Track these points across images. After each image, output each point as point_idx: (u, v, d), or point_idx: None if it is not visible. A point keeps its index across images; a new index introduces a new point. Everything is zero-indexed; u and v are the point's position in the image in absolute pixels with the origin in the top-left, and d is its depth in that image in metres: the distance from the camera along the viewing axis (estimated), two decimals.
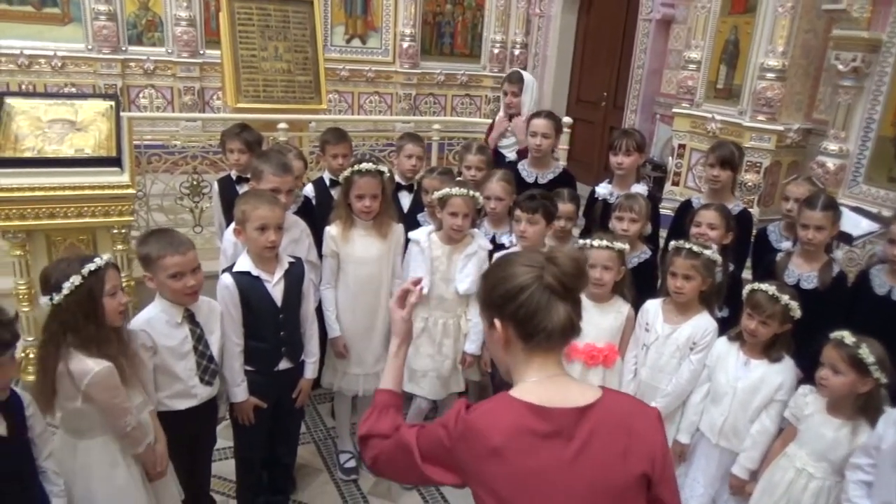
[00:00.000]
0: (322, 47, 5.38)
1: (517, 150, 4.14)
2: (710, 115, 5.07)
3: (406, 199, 3.52)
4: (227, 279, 2.48)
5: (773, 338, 2.45)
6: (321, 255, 2.97)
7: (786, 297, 2.40)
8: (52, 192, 3.05)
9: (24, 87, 6.55)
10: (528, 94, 4.22)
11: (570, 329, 1.23)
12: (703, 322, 2.62)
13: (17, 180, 3.01)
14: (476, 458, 1.19)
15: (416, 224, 3.21)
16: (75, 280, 1.93)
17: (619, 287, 2.76)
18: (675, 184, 5.42)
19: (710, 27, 5.17)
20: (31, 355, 3.25)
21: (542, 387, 1.23)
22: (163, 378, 2.28)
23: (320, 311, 2.91)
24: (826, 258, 2.85)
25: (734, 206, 3.24)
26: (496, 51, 8.34)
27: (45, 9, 6.62)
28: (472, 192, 2.86)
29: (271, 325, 2.55)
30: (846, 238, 3.33)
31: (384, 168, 2.88)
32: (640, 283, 2.89)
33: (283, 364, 2.63)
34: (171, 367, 2.29)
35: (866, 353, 2.11)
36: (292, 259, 2.63)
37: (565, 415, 1.19)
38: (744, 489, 2.47)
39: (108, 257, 2.06)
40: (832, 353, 2.18)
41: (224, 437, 2.77)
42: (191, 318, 2.33)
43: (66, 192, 3.08)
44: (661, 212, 3.61)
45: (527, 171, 3.69)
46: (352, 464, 3.15)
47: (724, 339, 2.59)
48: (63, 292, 1.92)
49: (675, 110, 5.48)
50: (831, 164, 4.24)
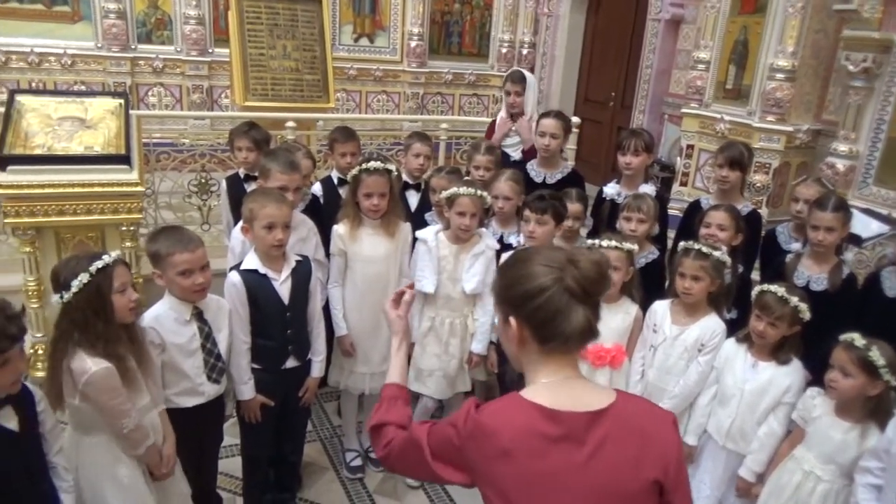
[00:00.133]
0: (330, 46, 5.39)
1: (522, 150, 4.12)
2: (718, 116, 5.05)
3: (414, 199, 3.52)
4: (234, 277, 2.50)
5: (781, 340, 2.43)
6: (328, 254, 2.98)
7: (795, 299, 2.38)
8: (61, 190, 3.07)
9: (34, 84, 6.58)
10: (531, 93, 4.19)
11: (589, 333, 1.20)
12: (712, 323, 2.60)
13: (27, 177, 3.03)
14: (485, 459, 1.18)
15: (424, 223, 3.21)
16: (83, 278, 1.93)
17: (628, 287, 2.75)
18: (684, 184, 5.41)
19: (719, 27, 5.15)
20: (41, 351, 3.27)
21: (554, 389, 1.21)
22: (170, 375, 2.29)
23: (327, 309, 2.92)
24: (836, 260, 2.83)
25: (743, 207, 3.22)
26: (504, 50, 8.33)
27: (55, 7, 6.65)
28: (479, 192, 2.85)
29: (278, 323, 2.55)
30: (856, 240, 3.31)
31: (392, 167, 2.88)
32: (648, 284, 2.89)
33: (290, 362, 2.63)
34: (179, 365, 2.29)
35: (877, 356, 2.09)
36: (299, 257, 2.64)
37: (577, 419, 1.17)
38: (750, 491, 2.46)
39: (116, 254, 2.05)
40: (842, 355, 2.17)
41: (231, 435, 2.78)
42: (199, 315, 2.33)
43: (76, 190, 3.10)
44: (669, 212, 3.60)
45: (535, 171, 3.68)
46: (357, 462, 3.16)
47: (732, 340, 2.57)
48: (72, 290, 1.92)
49: (683, 110, 5.47)
50: (841, 165, 4.22)
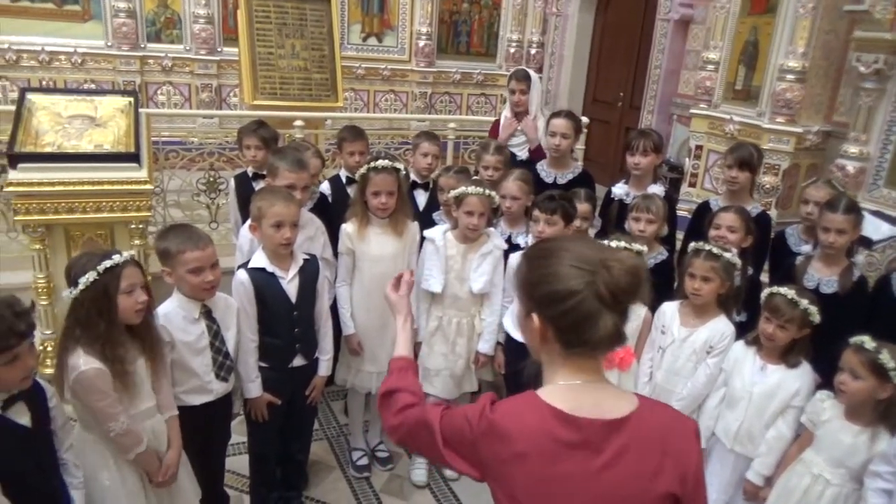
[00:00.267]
0: (339, 45, 5.40)
1: (528, 150, 4.11)
2: (727, 117, 5.02)
3: (422, 198, 3.52)
4: (242, 275, 2.50)
5: (790, 343, 2.41)
6: (336, 253, 2.99)
7: (805, 302, 2.36)
8: (71, 188, 3.09)
9: (44, 83, 6.62)
10: (535, 92, 4.17)
11: (616, 339, 1.15)
12: (721, 326, 2.59)
13: (37, 175, 3.04)
14: (497, 458, 1.16)
15: (432, 223, 3.21)
16: (91, 276, 1.93)
17: None
18: (692, 185, 5.38)
19: (729, 27, 5.11)
20: (50, 348, 3.29)
21: (574, 392, 1.16)
22: (179, 373, 2.29)
23: (335, 308, 2.92)
24: (847, 262, 2.81)
25: (753, 209, 3.20)
26: (512, 50, 8.31)
27: (65, 6, 6.69)
28: (488, 191, 2.85)
29: (285, 321, 2.56)
30: (866, 242, 3.29)
31: (400, 165, 2.88)
32: (656, 285, 2.82)
33: (298, 361, 2.64)
34: (188, 363, 2.30)
35: (887, 359, 2.07)
36: (307, 256, 2.65)
37: (595, 427, 1.13)
38: (758, 495, 2.44)
39: (128, 254, 2.03)
40: (852, 357, 2.15)
41: (238, 433, 2.78)
42: (208, 313, 2.34)
43: (85, 188, 3.11)
44: (678, 213, 3.58)
45: (546, 172, 3.67)
46: (364, 461, 3.16)
47: (740, 343, 2.56)
48: (79, 287, 1.93)
49: (692, 111, 5.44)
50: (851, 167, 4.19)
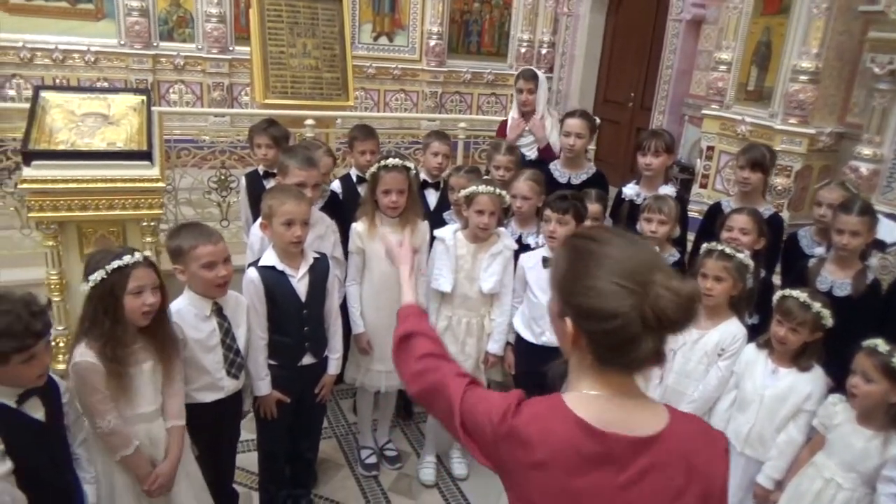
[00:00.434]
0: (350, 44, 5.41)
1: (537, 148, 4.09)
2: (739, 118, 4.99)
3: (432, 197, 3.52)
4: (252, 273, 2.51)
5: (802, 346, 2.39)
6: (347, 252, 2.99)
7: (817, 305, 2.35)
8: (84, 185, 3.10)
9: (58, 81, 6.66)
10: (542, 92, 4.15)
11: (655, 360, 1.08)
12: (732, 328, 2.57)
13: (50, 172, 3.06)
14: (517, 463, 1.12)
15: (443, 222, 3.21)
16: (99, 275, 1.95)
17: None
18: (703, 186, 5.35)
19: (741, 28, 5.08)
20: (62, 344, 3.31)
21: (603, 404, 1.10)
22: (191, 371, 2.30)
23: (345, 307, 2.93)
24: (860, 265, 2.79)
25: (765, 210, 3.18)
26: (523, 50, 8.30)
27: (79, 5, 6.73)
28: (498, 191, 2.85)
29: (295, 319, 2.57)
30: (880, 245, 3.26)
31: (410, 164, 2.88)
32: None
33: (307, 359, 2.65)
34: (200, 360, 2.31)
35: None
36: (317, 255, 2.65)
37: (622, 443, 1.07)
38: (768, 498, 2.43)
39: (139, 255, 2.02)
40: (864, 360, 2.13)
41: (247, 430, 2.79)
42: (219, 311, 2.35)
43: (98, 185, 3.13)
44: (688, 214, 3.56)
45: (560, 172, 3.65)
46: (373, 460, 3.17)
47: (752, 345, 2.54)
48: (90, 283, 1.96)
49: (704, 112, 5.40)
50: (865, 169, 4.15)
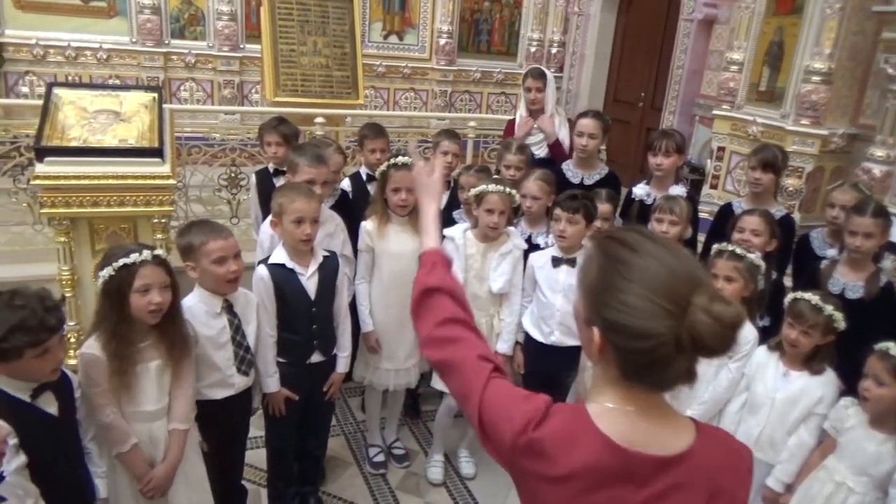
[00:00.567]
0: (360, 43, 5.41)
1: (547, 145, 4.08)
2: (751, 118, 4.96)
3: (442, 196, 3.51)
4: (262, 271, 2.52)
5: (814, 349, 2.38)
6: (356, 250, 2.99)
7: (829, 308, 2.33)
8: (96, 181, 3.12)
9: (70, 78, 6.70)
10: (550, 90, 4.12)
11: (686, 379, 1.04)
12: (744, 330, 2.53)
13: (63, 168, 3.08)
14: (534, 475, 1.08)
15: (452, 221, 3.21)
16: (108, 271, 1.97)
17: None
18: (714, 187, 5.32)
19: (753, 28, 5.04)
20: (74, 339, 3.34)
21: (629, 420, 1.06)
22: (201, 367, 2.31)
23: (354, 305, 2.93)
24: (873, 268, 2.77)
25: (776, 211, 3.16)
26: (533, 49, 8.27)
27: (91, 2, 6.77)
28: (508, 190, 2.84)
29: (304, 317, 2.57)
30: (893, 247, 3.23)
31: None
32: None
33: (316, 357, 2.65)
34: (210, 357, 2.32)
35: None
36: (327, 253, 2.66)
37: (646, 462, 1.04)
38: (778, 501, 2.41)
39: (148, 254, 2.00)
40: (876, 364, 2.12)
41: (256, 427, 2.80)
42: (229, 308, 2.36)
43: (110, 181, 3.14)
44: (699, 215, 3.54)
45: (572, 172, 3.63)
46: (380, 458, 3.17)
47: (763, 348, 2.53)
48: (101, 279, 1.99)
49: (715, 112, 5.37)
50: (878, 170, 4.12)
